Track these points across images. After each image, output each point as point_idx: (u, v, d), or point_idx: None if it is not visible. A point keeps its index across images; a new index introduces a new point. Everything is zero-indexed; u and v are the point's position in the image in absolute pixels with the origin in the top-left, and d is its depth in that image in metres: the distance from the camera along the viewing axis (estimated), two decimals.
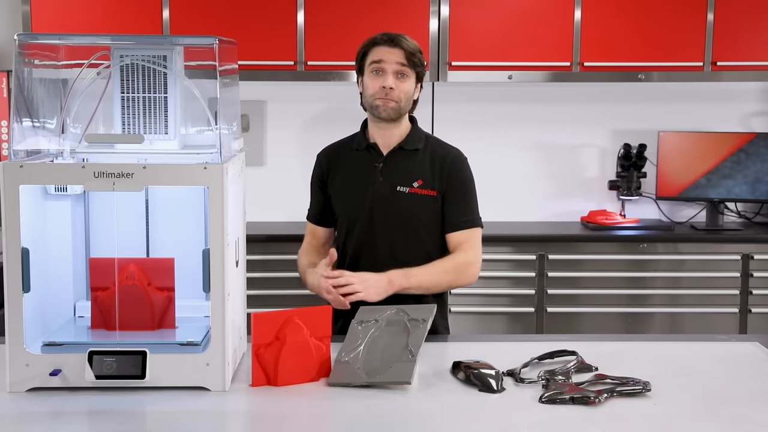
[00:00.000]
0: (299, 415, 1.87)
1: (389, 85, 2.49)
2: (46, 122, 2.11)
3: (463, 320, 4.10)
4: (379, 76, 2.51)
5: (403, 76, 2.52)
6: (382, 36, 2.54)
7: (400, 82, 2.51)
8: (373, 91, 2.52)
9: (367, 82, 2.54)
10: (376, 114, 2.54)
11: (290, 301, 3.89)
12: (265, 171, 4.54)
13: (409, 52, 2.51)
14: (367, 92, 2.54)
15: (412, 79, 2.54)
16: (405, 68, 2.51)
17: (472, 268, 2.57)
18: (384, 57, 2.51)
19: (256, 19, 4.13)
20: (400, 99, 2.51)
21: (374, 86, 2.52)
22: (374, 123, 2.59)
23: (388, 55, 2.51)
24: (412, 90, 2.55)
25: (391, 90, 2.50)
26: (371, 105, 2.54)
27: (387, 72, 2.50)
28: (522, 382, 2.02)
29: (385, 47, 2.52)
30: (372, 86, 2.52)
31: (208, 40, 2.01)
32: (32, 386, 1.93)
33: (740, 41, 4.20)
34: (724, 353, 2.27)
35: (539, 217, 4.59)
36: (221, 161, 1.94)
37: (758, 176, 4.36)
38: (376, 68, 2.52)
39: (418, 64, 2.53)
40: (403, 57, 2.51)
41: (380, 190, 2.56)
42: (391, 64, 2.50)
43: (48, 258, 2.08)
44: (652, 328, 4.18)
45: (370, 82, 2.53)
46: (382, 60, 2.51)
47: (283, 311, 2.02)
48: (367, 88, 2.54)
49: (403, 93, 2.52)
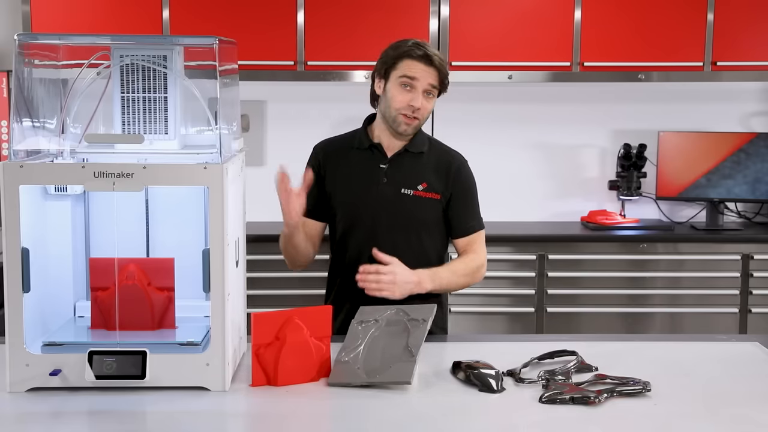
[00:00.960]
0: (299, 415, 1.88)
1: (418, 106, 2.47)
2: (46, 122, 2.11)
3: (463, 320, 4.10)
4: (407, 92, 2.48)
5: (429, 95, 2.51)
6: (417, 49, 2.47)
7: (425, 100, 2.50)
8: (400, 105, 2.48)
9: (394, 93, 2.49)
10: (396, 128, 2.52)
11: (290, 301, 3.89)
12: (265, 171, 4.53)
13: (443, 74, 2.50)
14: (390, 103, 2.49)
15: (435, 98, 2.54)
16: (434, 89, 2.50)
17: (482, 270, 2.62)
18: (419, 75, 2.46)
19: (256, 19, 4.13)
20: (422, 117, 2.52)
21: (402, 101, 2.48)
22: (385, 128, 2.57)
23: (423, 73, 2.47)
24: (432, 109, 2.55)
25: (418, 110, 2.48)
26: (393, 118, 2.50)
27: (417, 90, 2.47)
28: (522, 382, 2.02)
29: (421, 65, 2.47)
30: (399, 100, 2.48)
31: (208, 40, 2.01)
32: (32, 386, 1.92)
33: (740, 41, 4.20)
34: (724, 353, 2.27)
35: (539, 217, 4.59)
36: (221, 161, 1.94)
37: (758, 176, 4.36)
38: (406, 83, 2.47)
39: (445, 85, 2.53)
40: (436, 78, 2.48)
41: (384, 192, 2.56)
42: (423, 83, 2.47)
43: (48, 258, 2.07)
44: (652, 328, 4.18)
45: (397, 95, 2.48)
46: (416, 78, 2.47)
47: (283, 311, 2.02)
48: (393, 100, 2.49)
49: (426, 112, 2.52)
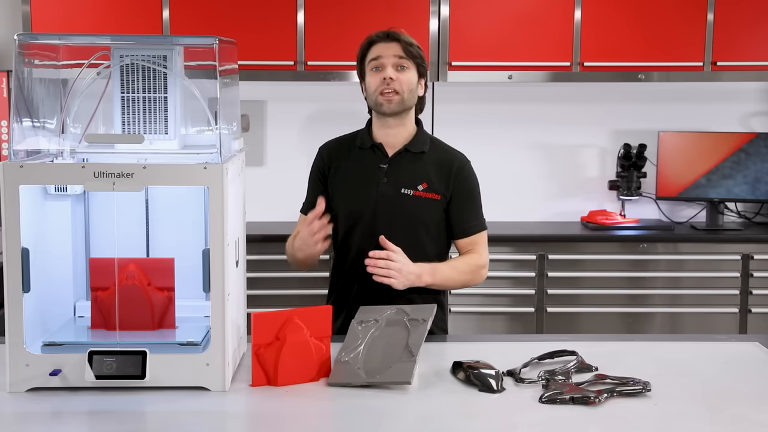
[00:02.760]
0: (299, 415, 1.87)
1: (389, 76, 2.50)
2: (46, 122, 2.11)
3: (463, 320, 4.10)
4: (379, 72, 2.52)
5: (402, 68, 2.52)
6: (377, 33, 2.55)
7: (400, 73, 2.51)
8: (375, 86, 2.52)
9: (369, 80, 2.54)
10: (381, 110, 2.53)
11: (290, 301, 3.90)
12: (265, 171, 4.54)
13: (406, 44, 2.52)
14: (369, 90, 2.54)
15: (412, 71, 2.54)
16: (404, 60, 2.52)
17: (484, 270, 2.62)
18: (381, 52, 2.52)
19: (256, 19, 4.13)
20: (402, 90, 2.51)
21: (375, 82, 2.52)
22: (380, 122, 2.58)
23: (385, 50, 2.52)
24: (414, 82, 2.54)
25: (392, 80, 2.50)
26: (375, 102, 2.53)
27: (386, 66, 2.51)
28: (522, 382, 2.02)
29: (381, 43, 2.53)
30: (373, 82, 2.52)
31: (208, 40, 2.01)
32: (32, 386, 1.92)
33: (740, 41, 4.20)
34: (724, 353, 2.27)
35: (539, 217, 4.59)
36: (221, 161, 1.94)
37: (758, 176, 4.36)
38: (375, 65, 2.53)
39: (416, 55, 2.54)
40: (400, 49, 2.52)
41: (384, 191, 2.56)
42: (390, 58, 2.51)
43: (48, 258, 2.07)
44: (652, 328, 4.18)
45: (371, 80, 2.53)
46: (380, 56, 2.52)
47: (283, 311, 2.02)
48: (370, 86, 2.54)
49: (405, 84, 2.52)
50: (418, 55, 2.54)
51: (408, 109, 2.56)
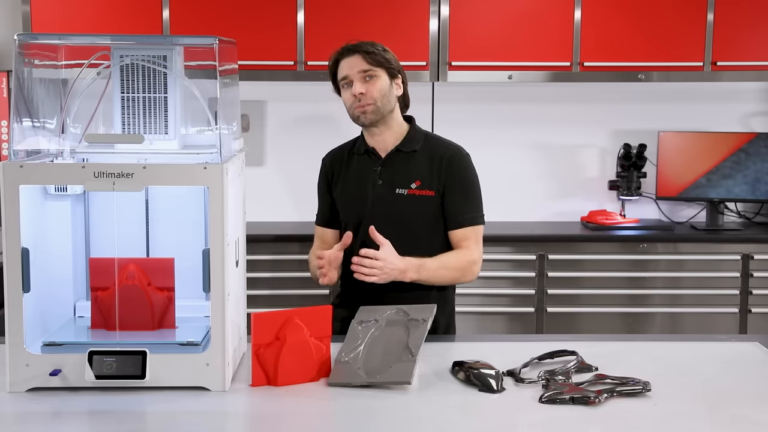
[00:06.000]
0: (299, 415, 1.88)
1: (357, 92, 2.52)
2: (46, 122, 2.11)
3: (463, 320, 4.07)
4: (348, 88, 2.55)
5: (370, 78, 2.53)
6: (340, 49, 2.57)
7: (369, 84, 2.53)
8: (349, 103, 2.56)
9: (343, 96, 2.59)
10: (360, 123, 2.58)
11: (290, 301, 3.90)
12: (265, 171, 4.54)
13: (367, 53, 2.53)
14: (345, 105, 2.59)
15: (382, 77, 2.54)
16: (369, 70, 2.53)
17: (475, 266, 2.60)
18: (346, 70, 2.55)
19: (256, 19, 4.13)
20: (374, 100, 2.53)
21: (348, 98, 2.56)
22: (366, 131, 2.63)
23: (348, 66, 2.54)
24: (386, 87, 2.55)
25: (362, 95, 2.52)
26: (353, 116, 2.58)
27: (354, 80, 2.53)
28: (522, 382, 2.02)
29: (344, 59, 2.55)
30: (347, 99, 2.57)
31: (208, 40, 2.01)
32: (32, 386, 1.93)
33: (740, 41, 4.20)
34: (724, 353, 2.27)
35: (539, 217, 4.59)
36: (221, 161, 1.94)
37: (758, 176, 4.36)
38: (344, 82, 2.56)
39: (381, 61, 2.54)
40: (363, 61, 2.53)
41: (380, 193, 2.58)
42: (354, 72, 2.53)
43: (48, 258, 2.07)
44: (652, 328, 4.18)
45: (344, 96, 2.58)
46: (346, 74, 2.55)
47: (283, 311, 2.02)
48: (345, 102, 2.59)
49: (377, 93, 2.53)
50: (383, 60, 2.54)
51: (387, 114, 2.57)
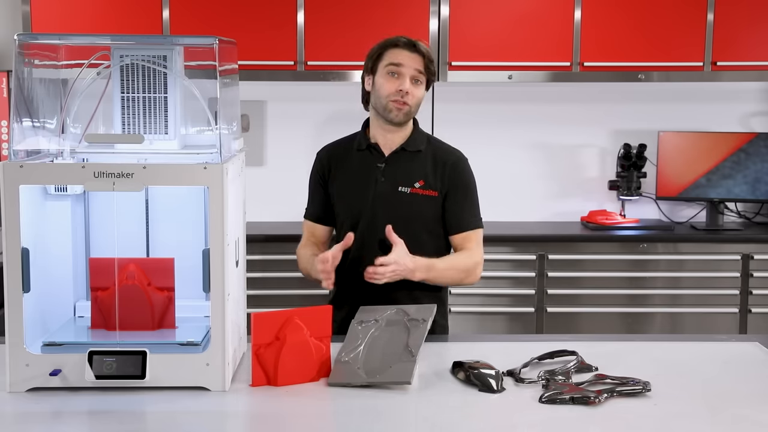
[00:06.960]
0: (299, 415, 1.88)
1: (406, 89, 2.50)
2: (46, 122, 2.11)
3: (463, 320, 4.10)
4: (395, 79, 2.51)
5: (417, 82, 2.53)
6: (402, 39, 2.54)
7: (414, 87, 2.52)
8: (388, 92, 2.51)
9: (381, 82, 2.53)
10: (388, 116, 2.54)
11: (290, 301, 3.90)
12: (265, 171, 4.54)
13: (428, 59, 2.53)
14: (380, 92, 2.53)
15: (423, 86, 2.56)
16: (421, 75, 2.53)
17: (478, 268, 2.61)
18: (404, 61, 2.51)
19: (256, 19, 4.13)
20: (412, 104, 2.53)
21: (390, 88, 2.51)
22: (379, 124, 2.59)
23: (408, 59, 2.51)
24: (423, 97, 2.57)
25: (407, 94, 2.50)
26: (384, 106, 2.53)
27: (404, 76, 2.51)
28: (522, 382, 2.02)
29: (406, 51, 2.52)
30: (387, 87, 2.52)
31: (208, 40, 2.01)
32: (32, 386, 1.93)
33: (740, 41, 4.20)
34: (724, 353, 2.27)
35: (539, 217, 4.59)
36: (221, 161, 1.94)
37: (758, 176, 4.36)
38: (393, 70, 2.52)
39: (432, 72, 2.56)
40: (421, 64, 2.52)
41: (382, 190, 2.57)
42: (410, 69, 2.51)
43: (48, 258, 2.07)
44: (652, 328, 4.18)
45: (385, 83, 2.52)
46: (402, 64, 2.51)
47: (283, 311, 2.02)
48: (381, 89, 2.53)
49: (416, 98, 2.54)
50: (433, 72, 2.56)
51: (411, 119, 2.59)
